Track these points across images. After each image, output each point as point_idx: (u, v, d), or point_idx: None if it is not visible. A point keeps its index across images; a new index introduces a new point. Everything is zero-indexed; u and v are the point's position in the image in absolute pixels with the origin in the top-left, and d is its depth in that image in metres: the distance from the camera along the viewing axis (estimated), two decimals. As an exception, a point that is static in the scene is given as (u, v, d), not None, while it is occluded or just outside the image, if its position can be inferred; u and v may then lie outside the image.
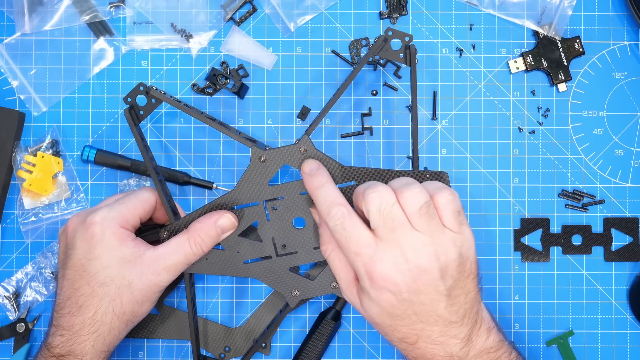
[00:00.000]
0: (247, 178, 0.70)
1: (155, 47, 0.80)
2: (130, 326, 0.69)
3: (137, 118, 0.72)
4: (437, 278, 0.62)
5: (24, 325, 0.77)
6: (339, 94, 0.70)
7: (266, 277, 0.71)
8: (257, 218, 0.71)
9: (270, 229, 0.71)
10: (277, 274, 0.71)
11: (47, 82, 0.79)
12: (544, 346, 0.79)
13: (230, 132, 0.72)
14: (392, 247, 0.62)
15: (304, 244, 0.71)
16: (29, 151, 0.78)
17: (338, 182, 0.69)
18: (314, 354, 0.76)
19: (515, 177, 0.79)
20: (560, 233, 0.79)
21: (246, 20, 0.80)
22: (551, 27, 0.79)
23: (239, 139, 0.71)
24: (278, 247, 0.71)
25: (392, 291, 0.62)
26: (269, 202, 0.71)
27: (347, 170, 0.70)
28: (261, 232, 0.71)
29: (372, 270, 0.62)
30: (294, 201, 0.70)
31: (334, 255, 0.67)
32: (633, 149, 0.80)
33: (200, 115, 0.71)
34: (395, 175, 0.69)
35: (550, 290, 0.79)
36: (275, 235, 0.71)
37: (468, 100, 0.80)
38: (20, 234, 0.78)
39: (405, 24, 0.80)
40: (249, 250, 0.71)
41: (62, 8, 0.79)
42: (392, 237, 0.62)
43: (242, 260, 0.71)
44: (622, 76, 0.80)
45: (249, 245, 0.71)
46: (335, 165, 0.70)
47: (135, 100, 0.72)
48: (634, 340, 0.79)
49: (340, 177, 0.70)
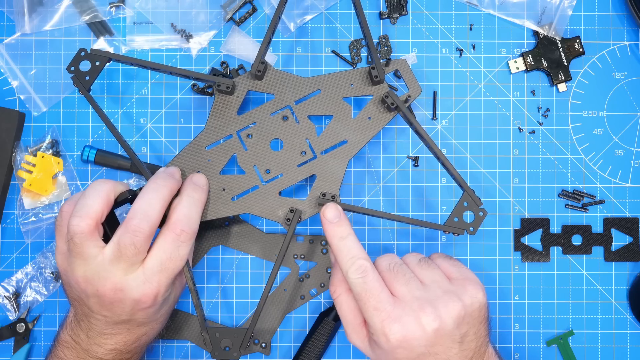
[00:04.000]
0: (215, 114, 0.70)
1: (155, 47, 0.80)
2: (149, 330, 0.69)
3: (85, 84, 0.71)
4: (453, 328, 0.63)
5: (24, 325, 0.77)
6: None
7: (258, 208, 0.71)
8: (235, 151, 0.71)
9: (250, 158, 0.71)
10: (268, 202, 0.71)
11: (47, 82, 0.79)
12: (544, 346, 0.79)
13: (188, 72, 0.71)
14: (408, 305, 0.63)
15: (287, 165, 0.71)
16: (29, 151, 0.78)
17: (304, 95, 0.71)
18: (314, 354, 0.76)
19: (515, 177, 0.79)
20: (560, 233, 0.79)
21: (246, 20, 0.80)
22: (551, 27, 0.79)
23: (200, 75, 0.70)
24: (262, 174, 0.71)
25: (407, 349, 0.62)
26: (243, 132, 0.71)
27: (309, 81, 0.71)
28: (242, 163, 0.71)
29: (388, 329, 0.62)
30: (267, 124, 0.71)
31: (342, 299, 0.67)
32: (633, 149, 0.80)
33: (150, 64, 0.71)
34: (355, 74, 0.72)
35: (550, 290, 0.79)
36: (256, 163, 0.71)
37: (468, 100, 0.80)
38: (20, 234, 0.78)
39: (405, 24, 0.80)
40: (234, 185, 0.71)
41: (62, 8, 0.79)
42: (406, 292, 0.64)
43: (229, 198, 0.71)
44: (622, 76, 0.80)
45: (232, 180, 0.71)
46: (295, 79, 0.71)
47: (78, 67, 0.71)
48: (634, 340, 0.79)
49: (303, 89, 0.71)
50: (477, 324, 0.64)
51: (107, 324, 0.66)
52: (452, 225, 0.69)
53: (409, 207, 0.79)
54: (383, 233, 0.79)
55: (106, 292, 0.64)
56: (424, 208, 0.79)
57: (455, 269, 0.67)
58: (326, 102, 0.72)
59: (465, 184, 0.70)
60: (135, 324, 0.67)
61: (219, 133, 0.71)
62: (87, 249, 0.64)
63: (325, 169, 0.71)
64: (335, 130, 0.71)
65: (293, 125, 0.71)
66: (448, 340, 0.63)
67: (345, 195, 0.79)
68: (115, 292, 0.64)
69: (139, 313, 0.65)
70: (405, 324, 0.62)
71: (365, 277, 0.64)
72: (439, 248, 0.79)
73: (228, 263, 0.79)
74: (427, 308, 0.62)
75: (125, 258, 0.63)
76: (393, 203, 0.79)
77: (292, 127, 0.72)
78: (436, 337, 0.62)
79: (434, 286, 0.65)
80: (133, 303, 0.64)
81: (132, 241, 0.63)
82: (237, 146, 0.71)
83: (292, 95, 0.71)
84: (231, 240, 0.78)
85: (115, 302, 0.64)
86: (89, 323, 0.67)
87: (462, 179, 0.70)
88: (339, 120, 0.72)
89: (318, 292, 0.78)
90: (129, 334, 0.67)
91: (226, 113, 0.70)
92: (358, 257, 0.65)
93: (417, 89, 0.73)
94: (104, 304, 0.64)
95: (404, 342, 0.62)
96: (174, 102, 0.79)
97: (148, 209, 0.64)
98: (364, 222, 0.79)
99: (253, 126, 0.71)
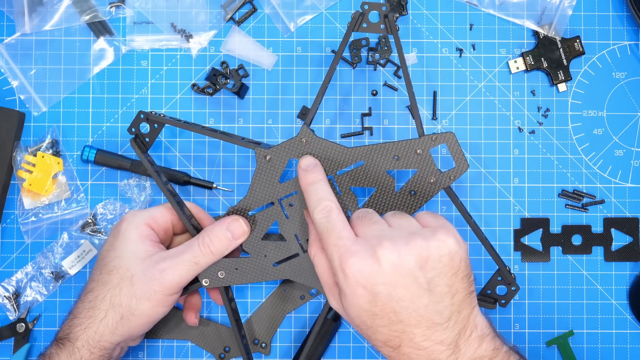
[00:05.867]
0: (257, 180, 0.70)
1: (155, 47, 0.80)
2: (126, 323, 0.67)
3: (144, 145, 0.73)
4: (416, 269, 0.59)
5: (24, 325, 0.77)
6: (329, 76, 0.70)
7: (298, 275, 0.70)
8: (276, 218, 0.70)
9: (291, 226, 0.70)
10: (308, 270, 0.70)
11: (47, 82, 0.79)
12: (544, 346, 0.79)
13: (235, 139, 0.71)
14: (367, 241, 0.61)
15: None
16: (29, 151, 0.78)
17: (346, 165, 0.69)
18: (314, 354, 0.76)
19: (515, 177, 0.79)
20: (560, 233, 0.79)
21: (246, 20, 0.80)
22: (551, 27, 0.79)
23: (243, 144, 0.71)
24: (303, 243, 0.70)
25: (366, 286, 0.59)
26: (285, 200, 0.70)
27: (352, 151, 0.69)
28: (283, 231, 0.70)
29: (345, 264, 0.60)
30: None
31: (317, 258, 0.65)
32: (633, 149, 0.80)
33: (203, 130, 0.71)
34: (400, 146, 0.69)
35: (550, 290, 0.79)
36: (297, 231, 0.70)
37: (468, 100, 0.80)
38: (20, 234, 0.78)
39: (405, 24, 0.80)
40: (275, 251, 0.70)
41: (62, 8, 0.79)
42: (369, 231, 0.62)
43: (271, 264, 0.70)
44: (622, 76, 0.80)
45: (274, 247, 0.70)
46: (339, 149, 0.69)
47: (138, 129, 0.72)
48: (634, 340, 0.79)
49: (345, 160, 0.69)
50: (449, 274, 0.60)
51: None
52: (486, 296, 0.72)
53: (409, 207, 0.79)
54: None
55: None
56: (424, 208, 0.79)
57: (434, 219, 0.64)
58: (370, 174, 0.70)
59: (500, 261, 0.71)
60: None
61: (262, 199, 0.70)
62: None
63: None
64: (377, 202, 0.70)
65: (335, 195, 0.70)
66: (411, 283, 0.59)
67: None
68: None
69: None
70: (361, 257, 0.59)
71: (329, 217, 0.63)
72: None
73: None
74: (385, 242, 0.60)
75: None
76: (393, 203, 0.79)
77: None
78: (395, 274, 0.58)
79: (400, 228, 0.62)
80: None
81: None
82: (279, 214, 0.70)
83: (335, 165, 0.70)
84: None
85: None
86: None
87: (498, 256, 0.71)
88: (382, 193, 0.70)
89: (318, 292, 0.78)
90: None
91: (269, 180, 0.70)
92: (324, 198, 0.64)
93: (464, 164, 0.69)
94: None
95: (361, 278, 0.59)
96: (174, 102, 0.79)
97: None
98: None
99: (295, 194, 0.70)
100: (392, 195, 0.70)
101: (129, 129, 0.72)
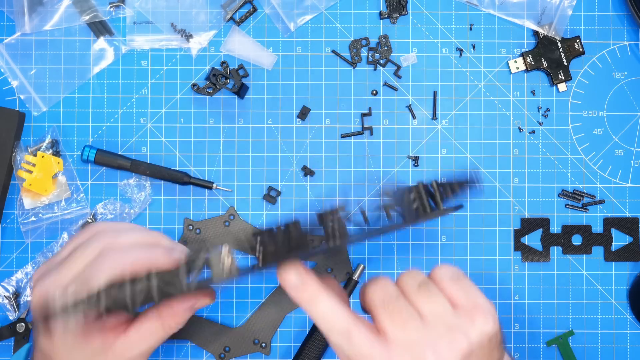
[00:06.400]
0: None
1: (155, 47, 0.80)
2: None
3: None
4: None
5: (24, 325, 0.77)
6: None
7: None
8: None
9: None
10: None
11: (47, 82, 0.79)
12: (544, 346, 0.79)
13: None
14: (408, 352, 0.54)
15: None
16: (29, 151, 0.78)
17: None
18: (314, 354, 0.76)
19: (515, 177, 0.79)
20: (560, 233, 0.79)
21: (246, 20, 0.80)
22: (551, 27, 0.79)
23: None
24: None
25: None
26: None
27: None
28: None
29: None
30: None
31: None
32: (633, 149, 0.80)
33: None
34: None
35: (550, 290, 0.79)
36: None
37: (468, 100, 0.80)
38: (20, 234, 0.78)
39: (405, 24, 0.80)
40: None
41: (62, 8, 0.79)
42: (403, 336, 0.55)
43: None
44: (622, 76, 0.80)
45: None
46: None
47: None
48: (634, 340, 0.79)
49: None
50: (488, 353, 0.56)
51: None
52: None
53: (409, 207, 0.79)
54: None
55: None
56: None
57: (462, 292, 0.57)
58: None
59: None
60: None
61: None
62: None
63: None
64: None
65: None
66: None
67: (345, 196, 0.79)
68: None
69: None
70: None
71: (350, 342, 0.54)
72: (439, 248, 0.79)
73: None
74: (428, 354, 0.54)
75: None
76: (393, 203, 0.79)
77: None
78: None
79: (435, 322, 0.55)
80: None
81: None
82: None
83: None
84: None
85: None
86: None
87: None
88: None
89: (318, 292, 0.78)
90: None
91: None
92: (334, 321, 0.55)
93: None
94: None
95: None
96: (174, 102, 0.79)
97: None
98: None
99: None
100: None
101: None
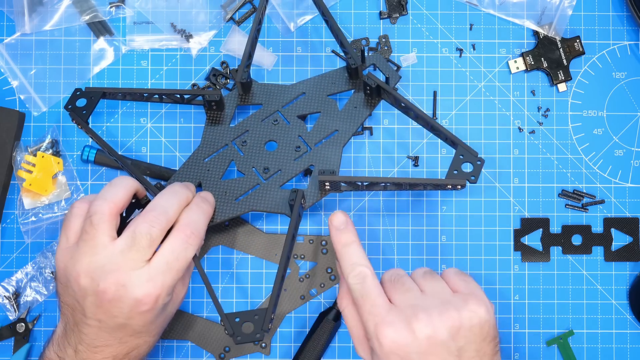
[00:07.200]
0: (209, 129, 0.75)
1: (155, 47, 0.80)
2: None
3: (83, 117, 0.73)
4: (448, 339, 0.61)
5: (24, 325, 0.77)
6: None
7: (261, 204, 0.73)
8: (232, 158, 0.74)
9: (247, 162, 0.74)
10: (270, 197, 0.73)
11: (47, 82, 0.79)
12: (544, 346, 0.79)
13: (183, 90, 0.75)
14: (402, 311, 0.63)
15: (284, 161, 0.74)
16: (29, 151, 0.78)
17: (290, 100, 0.75)
18: (314, 354, 0.76)
19: (515, 177, 0.79)
20: (560, 233, 0.79)
21: (246, 20, 0.80)
22: (551, 27, 0.79)
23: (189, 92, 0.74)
24: (261, 174, 0.74)
25: (400, 354, 0.62)
26: (237, 140, 0.74)
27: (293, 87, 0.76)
28: (240, 167, 0.74)
29: (380, 333, 0.62)
30: (259, 130, 0.75)
31: (348, 311, 0.67)
32: (633, 149, 0.80)
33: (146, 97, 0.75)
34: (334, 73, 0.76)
35: (550, 290, 0.79)
36: (254, 165, 0.74)
37: (468, 100, 0.80)
38: (20, 234, 0.78)
39: (405, 24, 0.80)
40: (235, 188, 0.73)
41: (62, 8, 0.79)
42: (403, 300, 0.64)
43: (233, 200, 0.73)
44: (622, 76, 0.80)
45: (234, 183, 0.73)
46: (280, 88, 0.76)
47: (75, 104, 0.74)
48: (634, 340, 0.79)
49: (289, 95, 0.76)
50: (479, 340, 0.63)
51: (100, 332, 0.65)
52: (453, 177, 0.68)
53: (409, 207, 0.79)
54: (383, 233, 0.79)
55: (108, 287, 0.63)
56: (424, 207, 0.79)
57: (464, 283, 0.66)
58: (312, 102, 0.75)
59: (458, 139, 0.69)
60: (130, 332, 0.65)
61: (215, 145, 0.74)
62: (100, 235, 0.64)
63: (322, 158, 0.74)
64: (325, 123, 0.75)
65: (284, 126, 0.75)
66: (443, 351, 0.61)
67: (345, 195, 0.79)
68: (117, 288, 0.63)
69: (136, 317, 0.64)
70: (397, 329, 0.62)
71: (364, 283, 0.65)
72: (439, 248, 0.79)
73: (228, 263, 0.79)
74: (420, 314, 0.62)
75: (138, 248, 0.64)
76: (393, 203, 0.79)
77: (284, 128, 0.75)
78: (429, 345, 0.61)
79: (433, 296, 0.64)
80: (133, 303, 0.64)
81: (149, 231, 0.64)
82: (233, 153, 0.74)
83: (279, 102, 0.75)
84: (231, 240, 0.78)
85: (114, 301, 0.63)
86: (79, 333, 0.65)
87: (454, 135, 0.70)
88: (327, 114, 0.75)
89: (318, 292, 0.79)
90: (120, 345, 0.66)
91: (219, 127, 0.75)
92: (359, 263, 0.66)
93: (395, 75, 0.76)
94: (102, 302, 0.64)
95: (396, 348, 0.61)
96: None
97: (166, 206, 0.67)
98: (364, 221, 0.79)
99: (247, 134, 0.75)
100: (337, 114, 0.75)
101: (65, 106, 0.74)
